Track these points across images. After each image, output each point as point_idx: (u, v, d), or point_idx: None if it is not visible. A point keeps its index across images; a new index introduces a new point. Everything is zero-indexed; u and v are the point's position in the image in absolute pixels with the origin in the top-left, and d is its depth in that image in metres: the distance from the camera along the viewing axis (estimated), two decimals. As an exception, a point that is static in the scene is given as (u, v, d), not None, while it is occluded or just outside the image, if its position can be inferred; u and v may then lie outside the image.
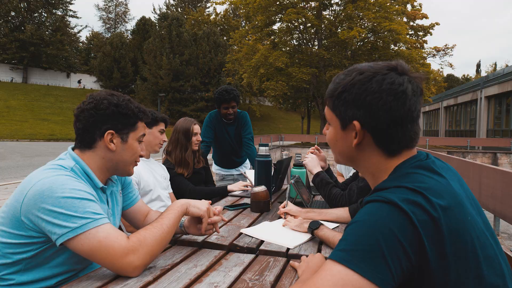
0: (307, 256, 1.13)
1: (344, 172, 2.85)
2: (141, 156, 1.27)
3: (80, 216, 0.98)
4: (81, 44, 47.46)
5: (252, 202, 1.89)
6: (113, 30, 54.74)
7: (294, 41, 22.59)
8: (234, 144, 3.26)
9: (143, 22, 40.88)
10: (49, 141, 23.83)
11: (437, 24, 21.27)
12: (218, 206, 1.34)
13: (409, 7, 21.42)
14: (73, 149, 1.19)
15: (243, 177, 3.42)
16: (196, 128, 2.52)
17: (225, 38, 41.60)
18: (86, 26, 63.96)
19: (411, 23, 21.91)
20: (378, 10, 18.25)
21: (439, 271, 0.65)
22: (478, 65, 65.80)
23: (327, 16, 21.86)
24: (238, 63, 22.62)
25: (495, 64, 65.99)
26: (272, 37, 22.43)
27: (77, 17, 41.28)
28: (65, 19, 39.99)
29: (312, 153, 2.15)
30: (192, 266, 1.11)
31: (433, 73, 20.64)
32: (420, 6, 22.09)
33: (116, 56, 37.64)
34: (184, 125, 2.48)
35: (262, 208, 1.87)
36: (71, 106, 33.47)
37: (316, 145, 2.13)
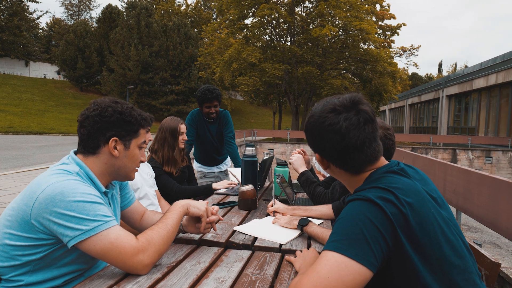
0: (301, 251, 1.25)
1: (322, 170, 3.00)
2: (141, 162, 1.31)
3: (91, 219, 1.03)
4: (40, 31, 44.69)
5: (240, 200, 1.98)
6: (77, 17, 52.13)
7: (267, 36, 22.71)
8: (216, 142, 3.32)
9: (110, 10, 39.18)
10: (8, 134, 22.46)
11: (404, 24, 22.24)
12: (215, 206, 1.42)
13: (378, 7, 22.19)
14: (75, 153, 1.22)
15: (224, 174, 3.50)
16: (183, 127, 2.56)
17: (196, 30, 40.91)
18: (46, 11, 60.22)
19: (380, 23, 22.73)
20: (349, 9, 18.75)
21: (410, 253, 0.81)
22: (440, 65, 69.51)
23: (299, 13, 22.14)
24: (211, 57, 22.40)
25: (455, 64, 70.18)
26: (245, 31, 22.42)
27: (36, 2, 38.65)
28: (23, 3, 37.38)
29: (298, 153, 2.27)
30: (196, 263, 1.19)
31: (399, 72, 21.56)
32: (388, 7, 22.97)
33: (80, 45, 35.83)
34: (172, 124, 2.51)
35: (250, 206, 1.97)
36: (31, 97, 31.65)
37: (302, 148, 2.26)
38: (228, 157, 3.55)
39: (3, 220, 1.10)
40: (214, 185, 2.54)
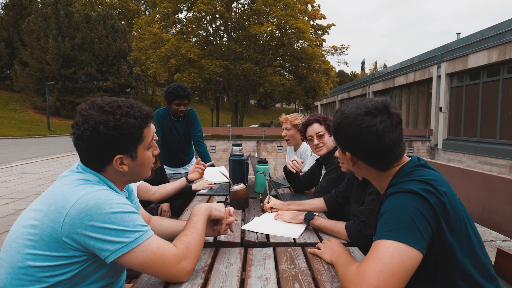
0: (322, 243, 1.32)
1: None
2: (155, 155, 1.23)
3: (132, 230, 0.98)
4: None
5: (232, 199, 1.99)
6: (-23, 2, 45.16)
7: (202, 31, 22.32)
8: (183, 141, 3.24)
9: (20, -4, 34.81)
10: None
11: (333, 24, 23.69)
12: (231, 208, 1.43)
13: (309, 7, 23.26)
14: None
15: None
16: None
17: (123, 22, 38.47)
18: None
19: (311, 23, 23.89)
20: (285, 7, 19.34)
21: (448, 236, 0.95)
22: (363, 63, 76.23)
23: (235, 9, 22.18)
24: (144, 52, 21.28)
25: (376, 63, 77.09)
26: (179, 26, 21.76)
27: None
28: None
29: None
30: (228, 264, 1.20)
31: (332, 70, 22.97)
32: (319, 7, 24.26)
33: (-16, 34, 31.32)
34: None
35: (243, 205, 1.99)
36: None
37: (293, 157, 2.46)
38: (194, 157, 3.49)
39: (22, 240, 0.97)
40: (194, 186, 2.49)
